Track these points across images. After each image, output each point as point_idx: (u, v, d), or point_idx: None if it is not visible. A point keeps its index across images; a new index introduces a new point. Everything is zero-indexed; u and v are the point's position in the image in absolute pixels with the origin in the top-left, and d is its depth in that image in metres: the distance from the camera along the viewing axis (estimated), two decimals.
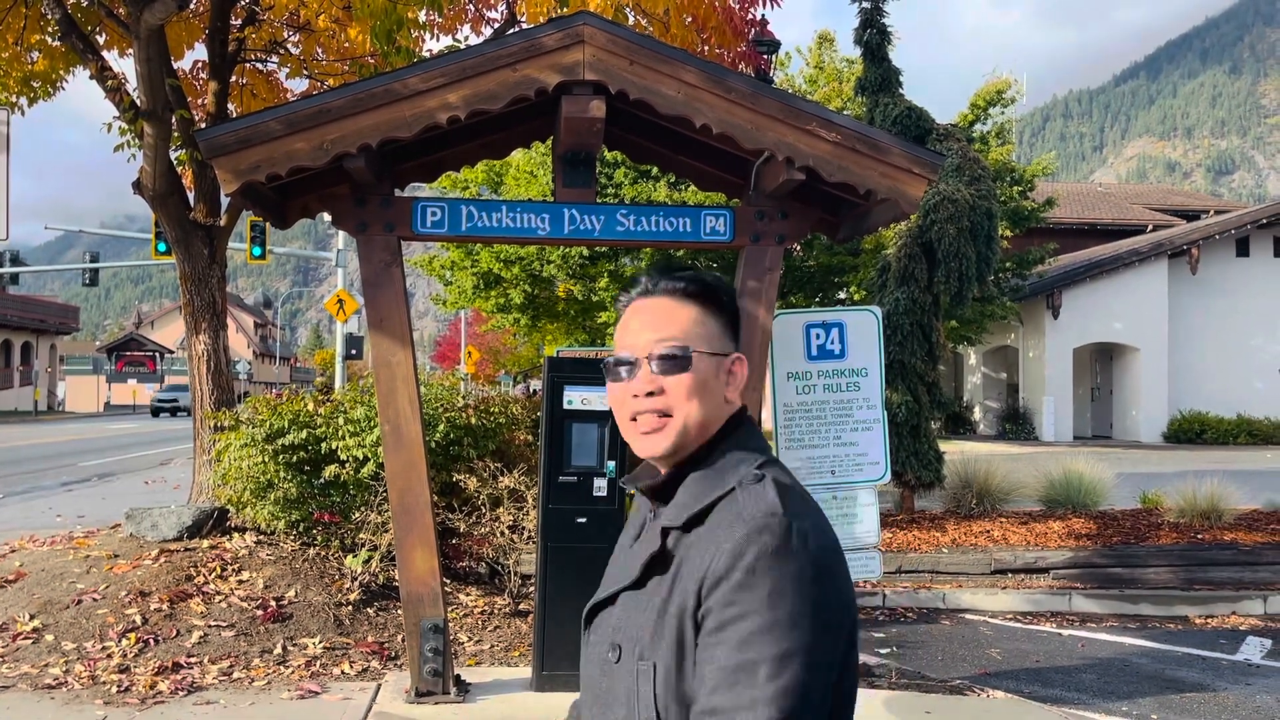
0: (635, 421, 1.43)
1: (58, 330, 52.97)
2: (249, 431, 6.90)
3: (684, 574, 1.31)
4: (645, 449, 1.43)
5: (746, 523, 1.27)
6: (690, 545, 1.33)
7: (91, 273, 31.51)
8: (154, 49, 7.20)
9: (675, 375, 1.40)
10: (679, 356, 1.41)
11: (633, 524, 1.52)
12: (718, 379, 1.43)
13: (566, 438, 5.35)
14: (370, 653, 5.79)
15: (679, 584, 1.31)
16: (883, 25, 11.21)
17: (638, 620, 1.35)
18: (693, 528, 1.34)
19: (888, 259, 11.00)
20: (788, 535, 1.26)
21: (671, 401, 1.40)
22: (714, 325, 1.45)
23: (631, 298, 1.49)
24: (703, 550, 1.30)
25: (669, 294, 1.45)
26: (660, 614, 1.31)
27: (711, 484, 1.37)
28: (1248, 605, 8.37)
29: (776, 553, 1.25)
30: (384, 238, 4.86)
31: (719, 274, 1.65)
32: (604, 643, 1.40)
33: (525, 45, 4.34)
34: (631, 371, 1.43)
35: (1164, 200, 37.82)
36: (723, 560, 1.26)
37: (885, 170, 4.54)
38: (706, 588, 1.26)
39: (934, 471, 10.30)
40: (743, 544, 1.25)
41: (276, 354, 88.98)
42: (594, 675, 1.40)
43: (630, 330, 1.46)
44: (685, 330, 1.43)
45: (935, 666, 6.63)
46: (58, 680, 5.21)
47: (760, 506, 1.29)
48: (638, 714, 1.30)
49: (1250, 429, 24.63)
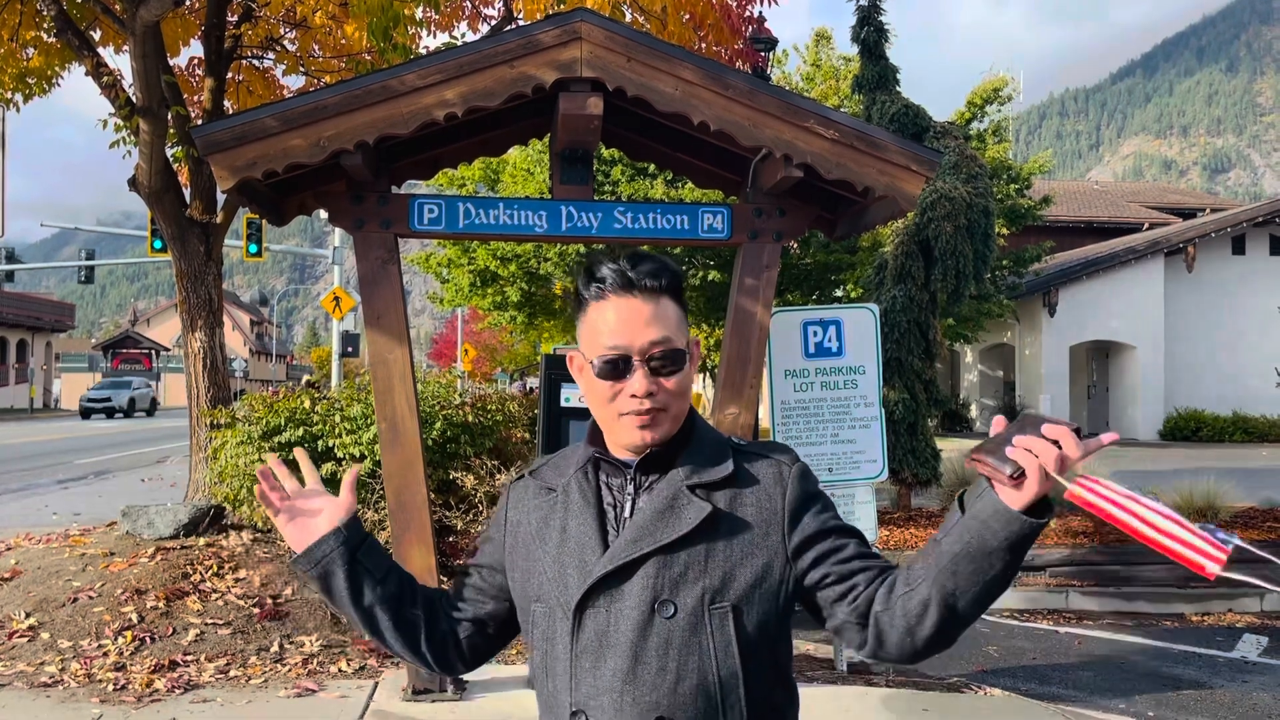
0: (626, 417, 1.47)
1: (53, 328, 52.86)
2: (245, 429, 6.88)
3: (741, 522, 1.48)
4: (641, 438, 1.49)
5: (792, 466, 1.54)
6: (730, 499, 1.50)
7: (87, 270, 31.44)
8: (150, 45, 7.17)
9: (672, 376, 1.47)
10: (676, 360, 1.48)
11: (576, 500, 1.54)
12: (691, 371, 1.52)
13: (563, 435, 5.35)
14: (367, 651, 5.78)
15: (740, 531, 1.48)
16: (880, 23, 11.21)
17: (692, 573, 1.45)
18: (725, 485, 1.50)
19: (885, 257, 11.00)
20: (812, 470, 1.60)
21: (666, 399, 1.47)
22: (684, 316, 1.54)
23: (606, 289, 1.49)
24: (758, 499, 1.50)
25: (650, 291, 1.49)
26: (726, 560, 1.46)
27: (713, 448, 1.54)
28: (1244, 603, 8.38)
29: (817, 482, 1.58)
30: (381, 235, 4.85)
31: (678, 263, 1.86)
32: (641, 605, 1.44)
33: (522, 42, 4.32)
34: (625, 370, 1.46)
35: (1160, 198, 37.87)
36: (796, 500, 1.51)
37: (883, 168, 4.54)
38: (789, 522, 1.50)
39: (931, 469, 10.31)
40: (804, 482, 1.53)
41: (273, 351, 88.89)
42: (628, 637, 1.44)
43: (613, 325, 1.47)
44: (673, 329, 1.48)
45: (932, 664, 6.63)
46: (53, 678, 5.20)
47: (786, 458, 1.55)
48: (715, 650, 1.43)
49: (1246, 426, 24.67)
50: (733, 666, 1.43)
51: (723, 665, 1.43)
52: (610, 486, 1.54)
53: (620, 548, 1.46)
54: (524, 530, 1.59)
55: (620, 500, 1.52)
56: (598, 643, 1.45)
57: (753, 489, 1.50)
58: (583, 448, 1.59)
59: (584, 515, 1.52)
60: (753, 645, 1.45)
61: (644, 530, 1.46)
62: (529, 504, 1.61)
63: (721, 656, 1.43)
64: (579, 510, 1.53)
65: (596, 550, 1.48)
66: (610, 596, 1.45)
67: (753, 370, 5.00)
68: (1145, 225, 31.64)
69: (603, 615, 1.45)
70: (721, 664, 1.43)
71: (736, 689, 1.43)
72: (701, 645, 1.43)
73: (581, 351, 1.53)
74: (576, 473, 1.57)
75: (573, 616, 1.47)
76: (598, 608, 1.46)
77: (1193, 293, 25.91)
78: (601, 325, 1.48)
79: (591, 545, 1.49)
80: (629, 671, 1.42)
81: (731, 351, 4.98)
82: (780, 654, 1.52)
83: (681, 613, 1.42)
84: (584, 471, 1.56)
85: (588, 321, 1.51)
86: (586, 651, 1.45)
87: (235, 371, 60.15)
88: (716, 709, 1.42)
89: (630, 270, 1.48)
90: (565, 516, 1.54)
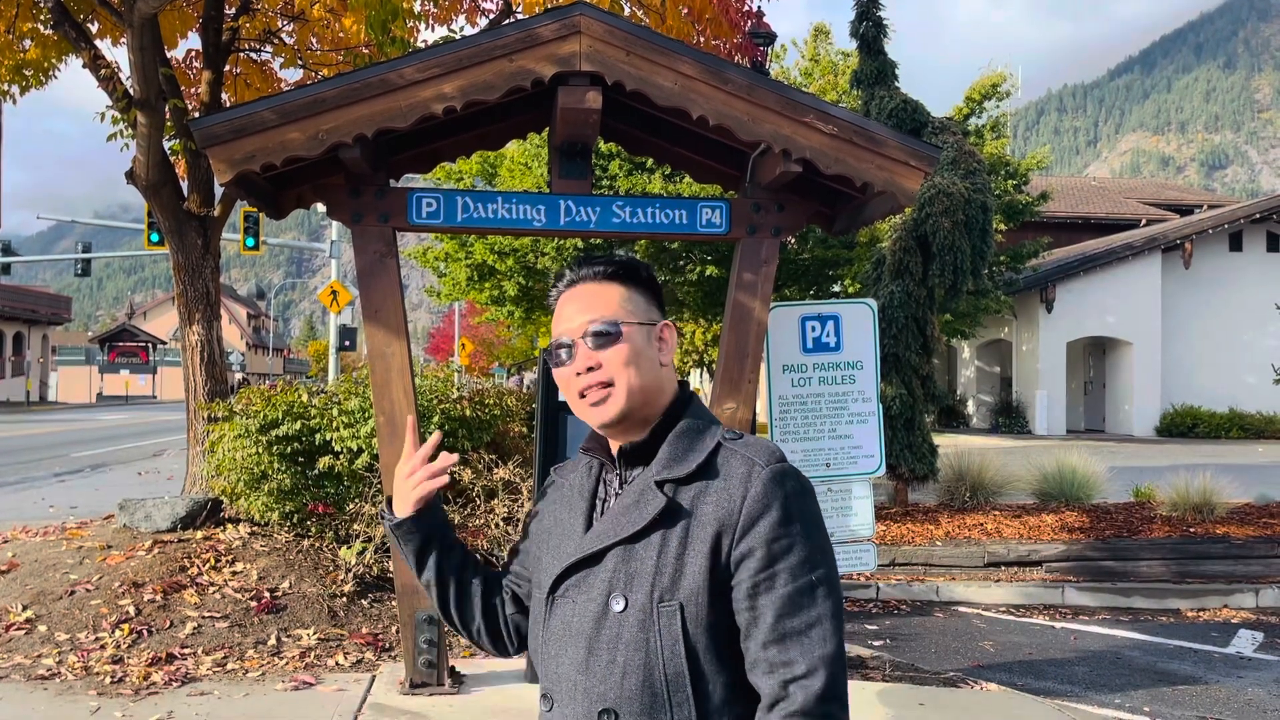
0: (584, 397, 1.54)
1: (50, 321, 52.75)
2: (242, 423, 6.88)
3: (699, 520, 1.44)
4: (597, 417, 1.54)
5: (766, 467, 1.44)
6: (695, 495, 1.46)
7: (84, 263, 31.36)
8: (147, 38, 7.15)
9: (610, 348, 1.53)
10: (610, 332, 1.53)
11: (576, 494, 1.61)
12: (650, 346, 1.56)
13: (561, 430, 5.34)
14: (365, 644, 5.79)
15: (695, 529, 1.44)
16: (879, 18, 11.20)
17: (646, 569, 1.45)
18: (693, 480, 1.47)
19: (883, 252, 11.00)
20: (797, 477, 1.46)
21: (611, 372, 1.52)
22: (639, 299, 1.59)
23: (560, 290, 1.61)
24: (719, 497, 1.44)
25: (593, 279, 1.59)
26: (679, 558, 1.44)
27: (693, 442, 1.51)
28: (1239, 598, 8.41)
29: (797, 493, 1.44)
30: (379, 228, 4.85)
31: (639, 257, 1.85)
32: (598, 597, 1.47)
33: (521, 36, 4.32)
34: (571, 353, 1.55)
35: (1157, 195, 37.89)
36: (756, 503, 1.42)
37: (882, 163, 4.54)
38: (741, 528, 1.41)
39: (928, 464, 10.32)
40: (772, 486, 1.43)
41: (270, 345, 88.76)
42: (585, 628, 1.47)
43: (564, 317, 1.58)
44: (612, 308, 1.56)
45: (929, 659, 6.64)
46: (51, 671, 5.20)
47: (771, 454, 1.47)
48: (661, 649, 1.42)
49: (1242, 423, 24.72)
50: (679, 666, 1.41)
51: (669, 664, 1.42)
52: (605, 482, 1.60)
53: (589, 539, 1.52)
54: (542, 522, 1.67)
55: (609, 494, 1.58)
56: (563, 630, 1.51)
57: (717, 485, 1.46)
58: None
59: (576, 508, 1.59)
60: (705, 647, 1.42)
61: (610, 523, 1.51)
62: (550, 496, 1.69)
63: (668, 655, 1.42)
64: (574, 503, 1.60)
65: (576, 540, 1.54)
66: (578, 586, 1.51)
67: (750, 365, 5.00)
68: (1143, 221, 31.66)
69: (569, 604, 1.51)
70: (668, 663, 1.42)
71: (684, 689, 1.41)
72: (649, 642, 1.42)
73: None
74: (583, 468, 1.64)
75: (545, 603, 1.54)
76: (567, 596, 1.52)
77: (1190, 289, 25.94)
78: (555, 322, 1.60)
79: (574, 536, 1.55)
80: (583, 661, 1.47)
81: (729, 346, 4.99)
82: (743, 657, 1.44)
83: (632, 608, 1.44)
84: (589, 467, 1.63)
85: (551, 326, 1.62)
86: (554, 638, 1.52)
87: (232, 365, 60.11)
88: (663, 707, 1.42)
89: (577, 269, 1.61)
90: (564, 509, 1.62)
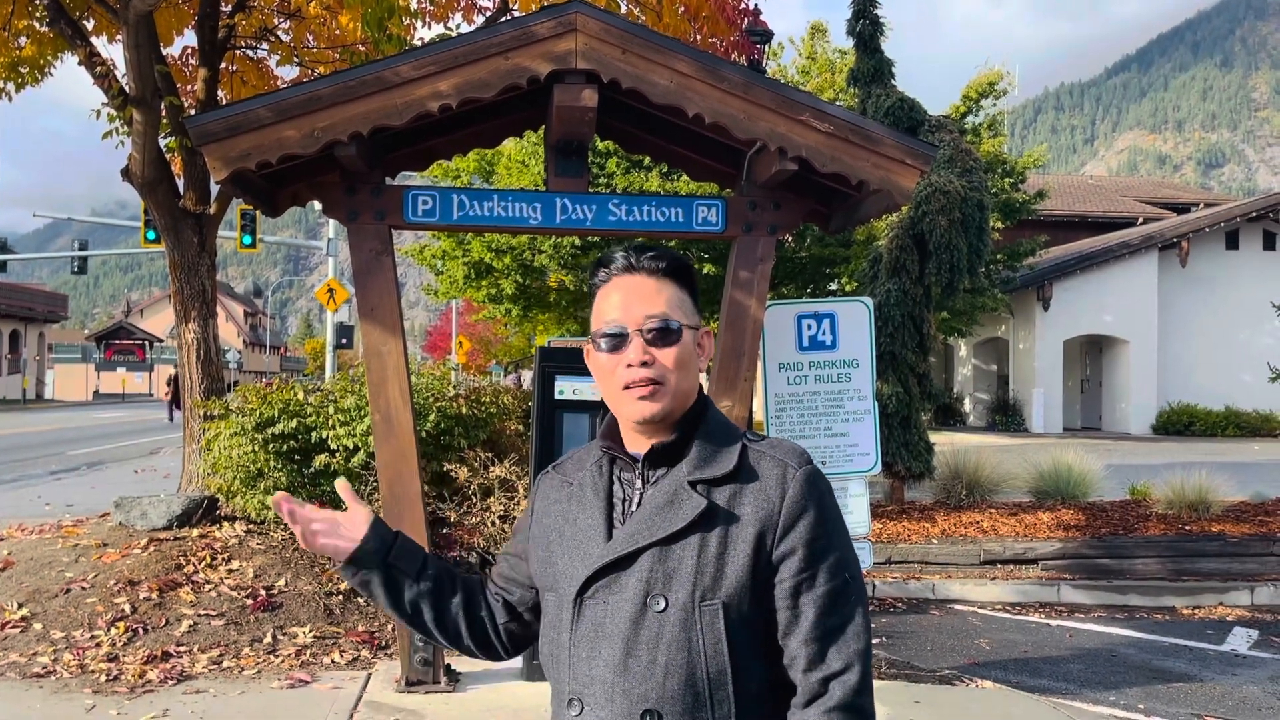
0: (629, 389, 1.52)
1: (46, 318, 52.65)
2: (239, 420, 6.87)
3: (739, 520, 1.46)
4: (639, 413, 1.52)
5: (799, 469, 1.49)
6: (731, 496, 1.48)
7: (80, 260, 31.31)
8: (143, 35, 7.14)
9: (667, 348, 1.52)
10: (671, 329, 1.53)
11: (589, 492, 1.58)
12: (694, 350, 1.57)
13: (558, 428, 5.34)
14: (361, 642, 5.79)
15: (735, 530, 1.46)
16: (875, 16, 11.21)
17: (686, 569, 1.45)
18: (726, 481, 1.49)
19: (879, 250, 11.00)
20: (822, 477, 1.52)
21: (663, 371, 1.52)
22: (689, 301, 1.59)
23: (611, 274, 1.58)
24: (758, 498, 1.47)
25: (651, 272, 1.56)
26: (719, 558, 1.45)
27: (721, 443, 1.53)
28: (1235, 596, 8.42)
29: (827, 493, 1.50)
30: (375, 226, 4.85)
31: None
32: (634, 598, 1.46)
33: (517, 33, 4.32)
34: (622, 343, 1.52)
35: (1154, 193, 37.90)
36: (795, 504, 1.46)
37: (878, 161, 4.54)
38: (782, 528, 1.45)
39: (924, 462, 10.33)
40: (808, 487, 1.48)
41: (267, 343, 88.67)
42: (621, 629, 1.46)
43: (615, 304, 1.55)
44: (673, 306, 1.55)
45: (924, 656, 6.65)
46: (46, 669, 5.20)
47: (794, 459, 1.50)
48: (704, 648, 1.43)
49: (1238, 421, 24.74)
50: (721, 664, 1.43)
51: (711, 663, 1.43)
52: (622, 480, 1.58)
53: (620, 540, 1.49)
54: (545, 522, 1.64)
55: (629, 494, 1.56)
56: (594, 632, 1.48)
57: (754, 487, 1.48)
58: (598, 441, 1.64)
59: (593, 508, 1.56)
60: (744, 644, 1.45)
61: (643, 524, 1.49)
62: (551, 496, 1.66)
63: (710, 654, 1.43)
64: (589, 503, 1.58)
65: (600, 541, 1.52)
66: (609, 588, 1.48)
67: (747, 363, 5.00)
68: (1139, 220, 31.68)
69: (600, 606, 1.48)
70: (710, 661, 1.43)
71: (725, 686, 1.43)
72: (691, 641, 1.43)
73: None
74: (591, 466, 1.62)
75: (573, 605, 1.50)
76: (596, 598, 1.49)
77: (1186, 287, 25.97)
78: (605, 306, 1.57)
79: (596, 537, 1.53)
80: (620, 663, 1.44)
81: (726, 344, 4.99)
82: (778, 653, 1.49)
83: (673, 608, 1.44)
84: (599, 465, 1.61)
85: (595, 307, 1.59)
86: (584, 640, 1.48)
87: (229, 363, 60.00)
88: (705, 705, 1.43)
89: (633, 256, 1.57)
90: (577, 509, 1.59)
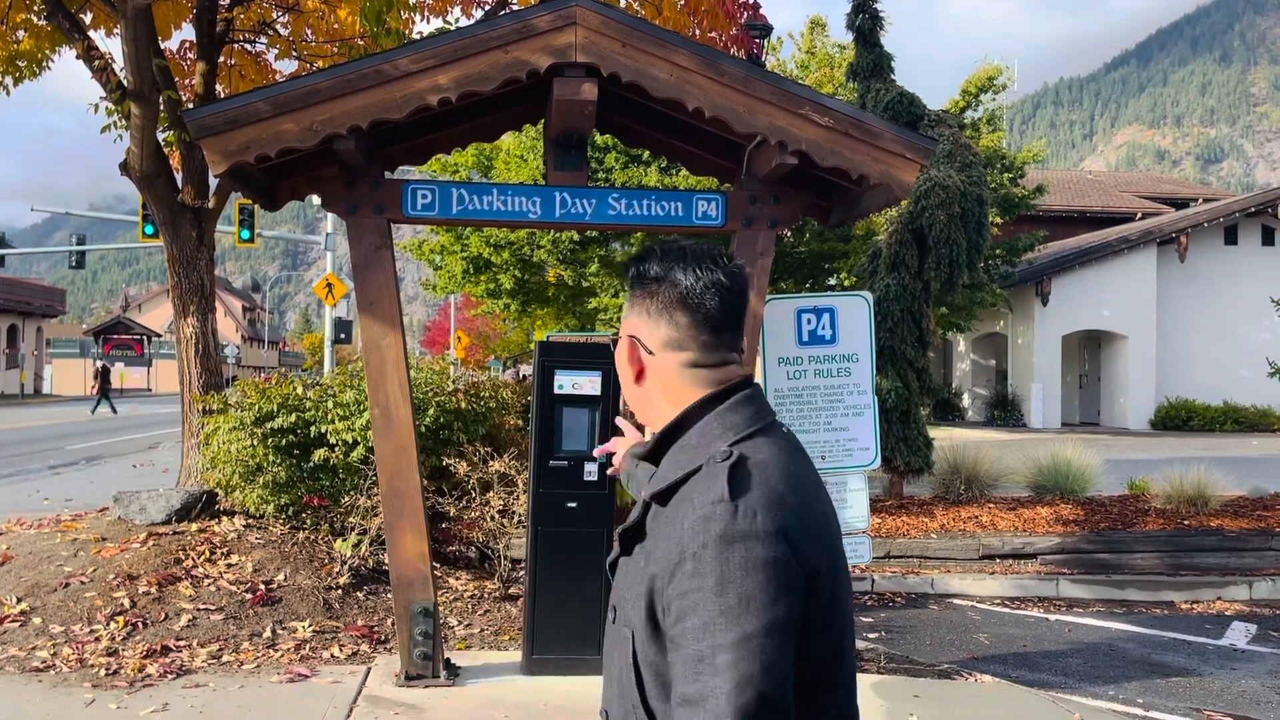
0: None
1: (44, 313, 52.59)
2: (237, 415, 6.87)
3: (655, 552, 1.33)
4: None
5: (696, 510, 1.28)
6: (662, 522, 1.34)
7: (78, 255, 31.26)
8: (141, 28, 7.12)
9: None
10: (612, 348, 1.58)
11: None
12: (625, 362, 1.53)
13: (557, 422, 5.34)
14: (360, 636, 5.79)
15: (651, 560, 1.33)
16: (875, 10, 11.20)
17: (624, 586, 1.40)
18: (667, 500, 1.36)
19: (879, 245, 11.00)
20: (732, 519, 1.25)
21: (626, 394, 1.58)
22: (635, 307, 1.54)
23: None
24: (667, 531, 1.31)
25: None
26: (637, 584, 1.35)
27: (688, 457, 1.38)
28: (1233, 591, 8.43)
29: (721, 539, 1.25)
30: (374, 220, 4.84)
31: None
32: (611, 602, 1.46)
33: (517, 27, 4.31)
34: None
35: (1153, 188, 37.91)
36: (674, 549, 1.28)
37: (878, 155, 4.53)
38: (666, 577, 1.28)
39: (923, 457, 10.34)
40: (691, 534, 1.27)
41: (265, 338, 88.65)
42: (607, 626, 1.46)
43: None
44: (623, 322, 1.57)
45: (923, 651, 6.66)
46: (45, 663, 5.19)
47: (709, 494, 1.29)
48: (622, 669, 1.36)
49: (1236, 416, 24.77)
50: (630, 691, 1.34)
51: (627, 685, 1.35)
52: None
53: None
54: None
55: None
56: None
57: (673, 517, 1.32)
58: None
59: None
60: (650, 679, 1.32)
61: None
62: None
63: (624, 676, 1.35)
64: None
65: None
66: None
67: (746, 358, 4.99)
68: (1138, 215, 31.69)
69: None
70: (626, 683, 1.35)
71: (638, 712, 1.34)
72: (622, 656, 1.37)
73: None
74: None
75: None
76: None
77: (1185, 283, 25.98)
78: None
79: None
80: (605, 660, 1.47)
81: None
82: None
83: (617, 622, 1.41)
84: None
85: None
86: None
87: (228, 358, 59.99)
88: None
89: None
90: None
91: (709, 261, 1.45)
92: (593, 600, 5.29)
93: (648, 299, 1.47)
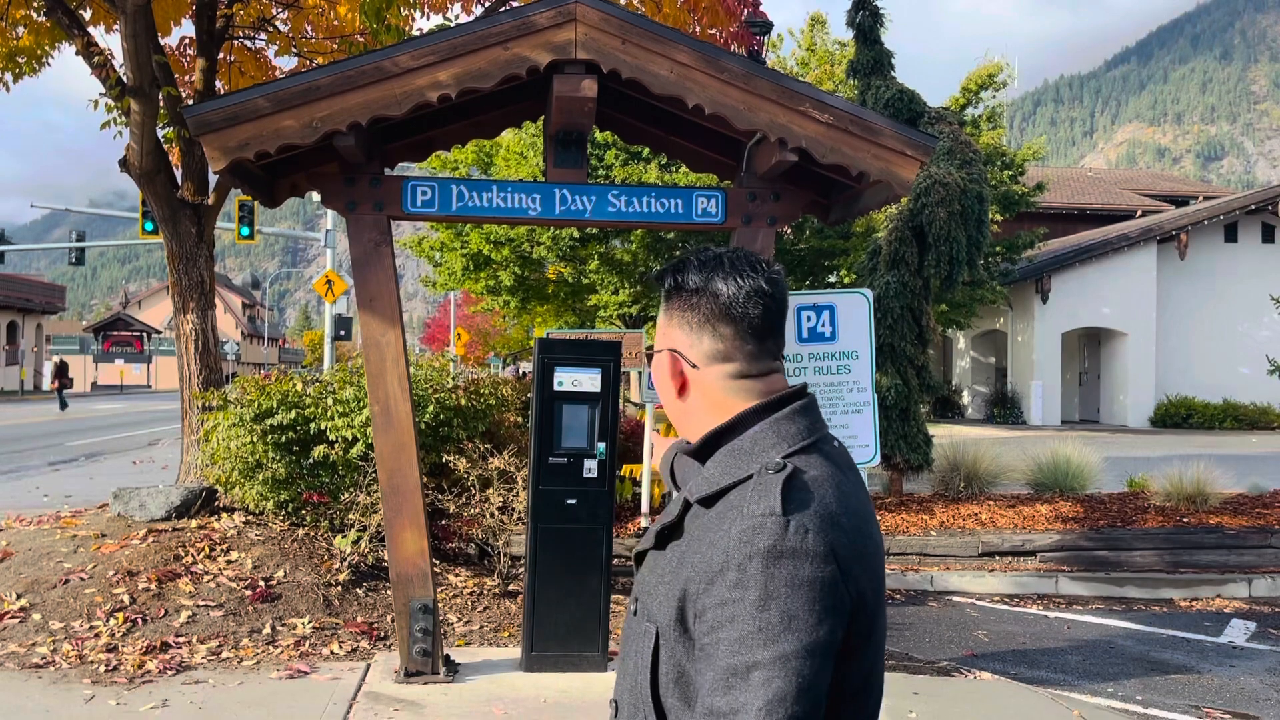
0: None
1: (44, 310, 52.57)
2: (237, 411, 6.87)
3: (692, 554, 1.30)
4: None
5: (745, 520, 1.26)
6: (704, 525, 1.32)
7: (78, 252, 31.23)
8: (140, 25, 7.11)
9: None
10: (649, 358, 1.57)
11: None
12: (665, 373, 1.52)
13: (557, 419, 5.34)
14: (359, 633, 5.79)
15: (687, 562, 1.31)
16: (875, 8, 11.18)
17: (652, 581, 1.38)
18: (711, 504, 1.33)
19: (878, 242, 10.99)
20: (783, 534, 1.23)
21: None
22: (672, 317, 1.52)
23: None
24: (710, 537, 1.29)
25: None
26: (669, 584, 1.32)
27: (738, 463, 1.35)
28: (1232, 588, 8.43)
29: (769, 554, 1.22)
30: (373, 217, 4.84)
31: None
32: (634, 594, 1.44)
33: (517, 24, 4.30)
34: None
35: (1153, 186, 37.90)
36: (718, 557, 1.25)
37: (878, 152, 4.53)
38: (704, 582, 1.26)
39: (923, 454, 10.34)
40: (737, 544, 1.24)
41: (265, 335, 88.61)
42: (627, 617, 1.45)
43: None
44: (658, 332, 1.55)
45: (923, 648, 6.66)
46: (45, 659, 5.20)
47: (760, 505, 1.26)
48: (638, 665, 1.35)
49: (1236, 414, 24.78)
50: (644, 688, 1.33)
51: (642, 682, 1.34)
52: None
53: (645, 537, 1.49)
54: None
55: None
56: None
57: (717, 524, 1.30)
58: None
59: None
60: (667, 678, 1.31)
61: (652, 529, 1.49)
62: None
63: (639, 673, 1.34)
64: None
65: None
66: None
67: None
68: (1138, 212, 31.68)
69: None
70: (641, 681, 1.34)
71: (647, 709, 1.33)
72: (640, 650, 1.36)
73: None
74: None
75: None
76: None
77: (1185, 280, 25.99)
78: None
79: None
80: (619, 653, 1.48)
81: None
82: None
83: (639, 614, 1.40)
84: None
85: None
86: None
87: (227, 354, 59.99)
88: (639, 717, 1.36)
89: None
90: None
91: (748, 268, 1.41)
92: (592, 597, 5.30)
93: (687, 311, 1.43)
